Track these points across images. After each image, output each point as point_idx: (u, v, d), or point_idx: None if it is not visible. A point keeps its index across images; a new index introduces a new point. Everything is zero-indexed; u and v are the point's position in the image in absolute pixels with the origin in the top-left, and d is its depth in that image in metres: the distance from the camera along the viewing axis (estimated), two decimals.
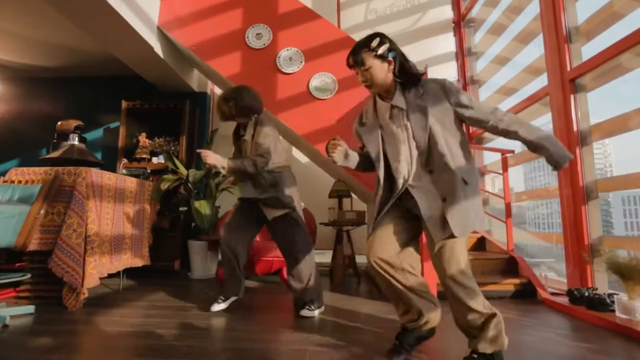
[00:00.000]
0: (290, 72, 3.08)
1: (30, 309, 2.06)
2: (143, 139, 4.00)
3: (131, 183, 2.88)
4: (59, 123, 3.92)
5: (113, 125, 4.38)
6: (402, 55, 1.42)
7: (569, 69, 2.59)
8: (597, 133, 2.54)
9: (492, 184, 4.14)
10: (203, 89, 4.34)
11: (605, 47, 2.34)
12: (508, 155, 3.11)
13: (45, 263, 2.23)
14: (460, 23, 4.58)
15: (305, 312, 2.13)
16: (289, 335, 1.83)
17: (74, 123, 3.91)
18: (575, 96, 2.57)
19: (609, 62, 2.31)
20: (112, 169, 3.89)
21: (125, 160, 3.90)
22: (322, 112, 3.03)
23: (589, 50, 2.78)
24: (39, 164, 4.05)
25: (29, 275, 2.07)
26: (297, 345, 1.67)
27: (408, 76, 1.40)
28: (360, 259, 3.86)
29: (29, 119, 4.53)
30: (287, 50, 3.11)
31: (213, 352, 1.58)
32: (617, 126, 2.45)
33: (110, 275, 2.69)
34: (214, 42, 3.19)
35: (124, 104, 3.96)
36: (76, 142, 3.81)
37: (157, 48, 3.29)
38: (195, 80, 4.25)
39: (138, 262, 2.95)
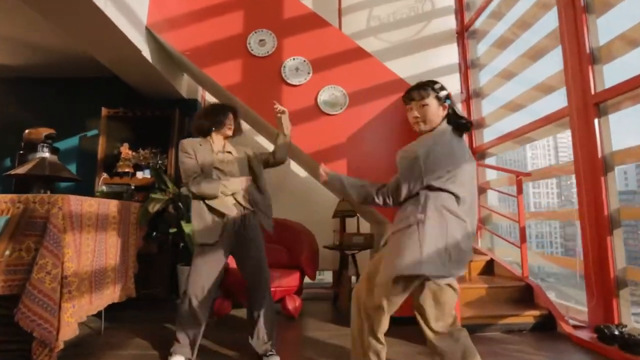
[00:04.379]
0: (297, 83, 2.82)
1: None
2: (125, 150, 3.61)
3: (115, 207, 2.53)
4: (26, 131, 3.46)
5: (90, 133, 3.94)
6: (454, 108, 1.53)
7: (593, 91, 2.48)
8: (621, 158, 2.44)
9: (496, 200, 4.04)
10: (193, 96, 3.98)
11: (623, 69, 2.23)
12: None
13: (9, 309, 1.86)
14: (464, 34, 4.45)
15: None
16: None
17: (44, 131, 3.48)
18: (600, 120, 2.47)
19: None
20: (90, 184, 3.50)
21: (105, 175, 3.50)
22: (331, 129, 2.78)
23: (609, 70, 2.70)
24: (2, 180, 3.59)
25: None
26: None
27: (459, 123, 1.50)
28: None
29: None
30: (294, 59, 2.84)
31: None
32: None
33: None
34: (211, 47, 2.87)
35: (104, 111, 3.56)
36: (47, 155, 3.39)
37: (146, 52, 2.94)
38: (184, 85, 3.89)
39: (122, 296, 2.59)
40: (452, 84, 4.31)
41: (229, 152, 2.16)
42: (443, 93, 1.50)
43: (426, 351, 2.13)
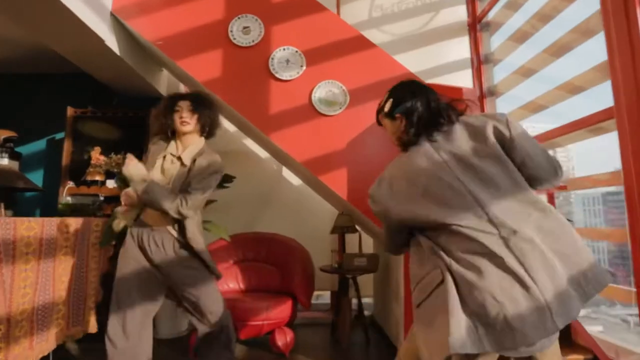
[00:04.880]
0: (288, 78, 2.38)
1: None
2: (96, 155, 3.18)
3: (66, 227, 2.09)
4: None
5: (59, 136, 3.51)
6: (422, 106, 1.13)
7: None
8: None
9: None
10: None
11: None
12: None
13: None
14: (476, 26, 4.02)
15: None
16: None
17: (3, 134, 3.07)
18: None
19: None
20: (57, 194, 3.08)
21: (71, 184, 3.07)
22: (328, 132, 2.35)
23: None
24: None
25: None
26: None
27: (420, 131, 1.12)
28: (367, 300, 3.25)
29: None
30: (284, 50, 2.41)
31: None
32: None
33: None
34: (187, 35, 2.44)
35: (69, 110, 3.13)
36: (6, 161, 2.98)
37: (111, 41, 2.51)
38: (163, 82, 3.46)
39: (78, 332, 2.17)
40: (464, 81, 3.88)
41: (179, 159, 1.70)
42: (387, 106, 1.22)
43: None
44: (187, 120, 1.66)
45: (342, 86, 2.38)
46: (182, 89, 3.63)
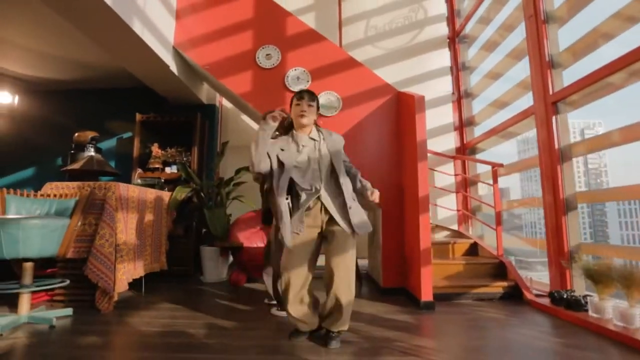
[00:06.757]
0: (298, 90, 3.32)
1: (69, 311, 2.29)
2: (156, 149, 4.22)
3: (151, 194, 3.11)
4: (76, 134, 4.15)
5: (126, 135, 4.59)
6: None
7: (551, 92, 2.87)
8: (577, 150, 2.82)
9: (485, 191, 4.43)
10: (211, 101, 4.56)
11: (584, 72, 2.62)
12: (498, 168, 3.38)
13: (78, 269, 2.46)
14: (455, 39, 4.85)
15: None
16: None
17: (90, 134, 4.15)
18: (557, 117, 2.85)
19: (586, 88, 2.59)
20: (127, 178, 4.12)
21: (140, 170, 4.12)
22: (328, 128, 3.27)
23: (572, 72, 3.09)
24: (56, 173, 4.29)
25: (67, 282, 2.30)
26: (313, 341, 1.92)
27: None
28: (361, 262, 4.12)
29: (44, 130, 4.72)
30: (295, 70, 3.35)
31: (243, 348, 1.83)
32: (595, 144, 2.75)
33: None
34: (226, 61, 3.42)
35: (138, 116, 4.18)
36: (94, 153, 4.05)
37: (173, 67, 3.52)
38: (204, 93, 4.48)
39: (157, 267, 3.18)
40: (444, 86, 4.70)
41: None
42: (320, 102, 2.21)
43: (400, 310, 2.64)
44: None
45: (337, 95, 3.30)
46: (217, 97, 4.65)
